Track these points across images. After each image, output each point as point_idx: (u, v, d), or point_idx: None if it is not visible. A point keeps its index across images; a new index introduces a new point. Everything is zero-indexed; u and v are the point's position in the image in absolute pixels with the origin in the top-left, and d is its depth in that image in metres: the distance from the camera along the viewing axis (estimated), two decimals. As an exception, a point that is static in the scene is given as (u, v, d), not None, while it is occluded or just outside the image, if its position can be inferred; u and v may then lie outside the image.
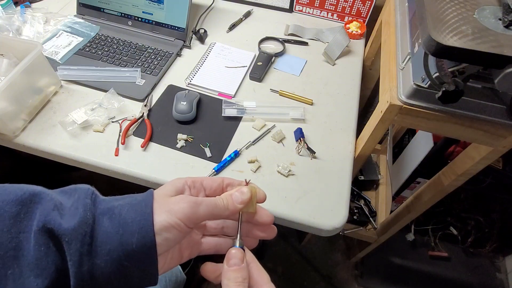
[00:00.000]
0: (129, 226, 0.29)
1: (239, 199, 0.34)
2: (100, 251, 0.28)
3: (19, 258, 0.27)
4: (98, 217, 0.30)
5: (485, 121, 0.54)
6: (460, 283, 1.39)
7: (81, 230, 0.28)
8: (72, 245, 0.28)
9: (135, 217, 0.30)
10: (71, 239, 0.28)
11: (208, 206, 0.32)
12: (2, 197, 0.29)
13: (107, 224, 0.29)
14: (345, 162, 0.72)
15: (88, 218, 0.29)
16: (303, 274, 1.38)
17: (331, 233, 0.65)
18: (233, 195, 0.34)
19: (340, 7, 1.01)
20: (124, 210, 0.30)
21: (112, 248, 0.28)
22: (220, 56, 0.92)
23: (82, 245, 0.28)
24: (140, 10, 0.93)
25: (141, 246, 0.29)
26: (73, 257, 0.28)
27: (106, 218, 0.30)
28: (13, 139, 0.70)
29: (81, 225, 0.28)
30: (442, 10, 0.49)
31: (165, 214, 0.30)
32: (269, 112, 0.79)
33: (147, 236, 0.29)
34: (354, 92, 0.86)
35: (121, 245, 0.29)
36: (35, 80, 0.73)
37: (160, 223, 0.30)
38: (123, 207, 0.31)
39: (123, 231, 0.29)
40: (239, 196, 0.34)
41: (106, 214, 0.30)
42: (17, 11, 0.93)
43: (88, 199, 0.30)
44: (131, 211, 0.30)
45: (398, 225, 1.00)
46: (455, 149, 1.06)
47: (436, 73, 0.49)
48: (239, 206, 0.34)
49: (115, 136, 0.72)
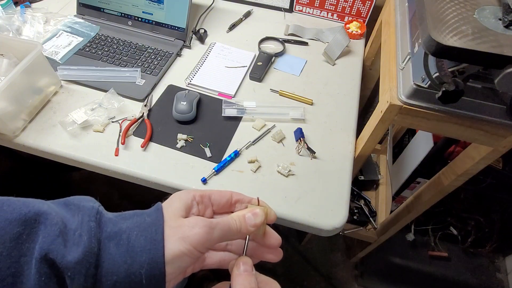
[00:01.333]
0: (138, 255, 0.27)
1: (252, 222, 0.32)
2: (105, 282, 0.27)
3: (17, 286, 0.25)
4: (104, 242, 0.28)
5: (485, 121, 0.54)
6: (460, 283, 1.39)
7: (85, 262, 0.26)
8: (75, 281, 0.26)
9: (145, 245, 0.28)
10: (74, 273, 0.26)
11: (222, 230, 0.31)
12: (5, 215, 0.26)
13: (114, 251, 0.27)
14: (345, 162, 0.72)
15: (93, 247, 0.27)
16: (303, 274, 1.38)
17: (331, 233, 0.65)
18: (246, 217, 0.32)
19: (340, 7, 1.01)
20: (132, 235, 0.28)
21: (118, 280, 0.27)
22: (220, 56, 0.92)
23: (86, 280, 0.26)
24: (140, 10, 0.93)
25: (149, 278, 0.27)
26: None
27: (112, 244, 0.28)
28: (13, 139, 0.70)
29: (85, 257, 0.26)
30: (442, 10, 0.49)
31: (179, 242, 0.28)
32: (269, 112, 0.79)
33: (156, 267, 0.27)
34: (354, 92, 0.86)
35: (128, 276, 0.27)
36: (35, 80, 0.73)
37: (172, 251, 0.28)
38: (132, 231, 0.29)
39: (131, 261, 0.27)
40: (252, 219, 0.32)
41: (113, 239, 0.28)
42: (17, 11, 0.93)
43: (93, 222, 0.28)
44: (141, 237, 0.28)
45: (398, 225, 1.00)
46: (455, 149, 1.06)
47: (436, 73, 0.49)
48: (252, 230, 0.32)
49: (115, 136, 0.72)
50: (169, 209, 0.31)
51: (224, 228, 0.31)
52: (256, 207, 0.34)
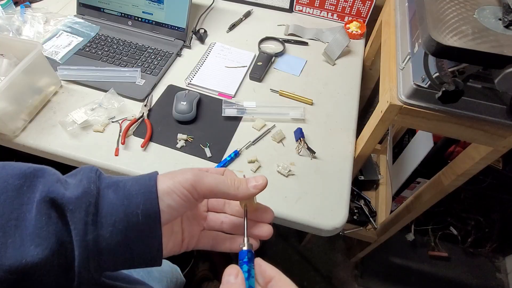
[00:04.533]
0: (134, 197, 0.29)
1: (253, 183, 0.32)
2: (105, 222, 0.28)
3: (20, 228, 0.27)
4: (103, 190, 0.30)
5: (485, 121, 0.54)
6: (460, 283, 1.39)
7: (85, 199, 0.28)
8: (76, 214, 0.28)
9: (140, 189, 0.30)
10: (75, 207, 0.28)
11: (215, 178, 0.32)
12: (7, 171, 0.29)
13: (112, 196, 0.30)
14: (345, 162, 0.72)
15: (92, 190, 0.29)
16: (303, 274, 1.38)
17: (331, 233, 0.65)
18: (249, 179, 0.33)
19: (340, 7, 1.01)
20: (128, 183, 0.31)
21: (117, 219, 0.28)
22: (220, 56, 0.92)
23: (86, 214, 0.28)
24: (140, 10, 0.93)
25: (145, 216, 0.29)
26: (78, 225, 0.28)
27: (111, 191, 0.30)
28: (13, 139, 0.70)
29: (85, 195, 0.28)
30: (442, 10, 0.49)
31: (169, 181, 0.30)
32: (269, 112, 0.79)
33: (151, 206, 0.29)
34: (354, 92, 0.86)
35: (126, 216, 0.29)
36: (35, 80, 0.73)
37: (162, 189, 0.30)
38: (128, 181, 0.31)
39: (128, 202, 0.29)
40: (253, 181, 0.33)
41: (111, 187, 0.30)
42: (17, 11, 0.93)
43: (93, 174, 0.31)
44: (136, 185, 0.30)
45: (398, 225, 1.00)
46: (455, 149, 1.06)
47: (436, 73, 0.49)
48: (252, 191, 0.32)
49: (115, 136, 0.72)
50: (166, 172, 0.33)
51: (219, 178, 0.32)
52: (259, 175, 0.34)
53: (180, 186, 0.30)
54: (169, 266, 0.76)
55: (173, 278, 0.73)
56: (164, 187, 0.30)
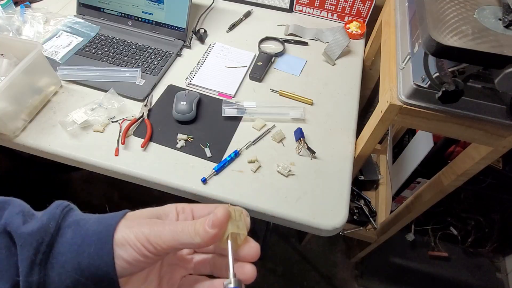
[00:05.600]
0: (89, 237, 0.27)
1: (210, 222, 0.28)
2: (55, 263, 0.26)
3: None
4: (64, 229, 0.28)
5: (485, 121, 0.54)
6: (460, 283, 1.39)
7: (38, 236, 0.26)
8: (24, 251, 0.26)
9: (97, 228, 0.27)
10: (24, 244, 0.26)
11: (172, 231, 0.27)
12: None
13: (70, 235, 0.27)
14: (345, 162, 0.72)
15: (50, 227, 0.27)
16: (303, 274, 1.38)
17: (331, 233, 0.65)
18: (207, 218, 0.28)
19: (340, 7, 1.01)
20: (90, 221, 0.28)
21: (67, 260, 0.26)
22: (220, 56, 0.92)
23: (35, 253, 0.26)
24: (140, 10, 0.93)
25: (97, 258, 0.26)
26: (23, 263, 0.26)
27: (70, 229, 0.28)
28: (13, 139, 0.70)
29: (39, 232, 0.26)
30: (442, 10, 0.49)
31: (124, 230, 0.27)
32: (269, 112, 0.79)
33: (104, 247, 0.26)
34: (354, 92, 0.86)
35: (76, 256, 0.26)
36: (35, 80, 0.73)
37: (118, 238, 0.27)
38: (91, 219, 0.29)
39: (81, 241, 0.27)
40: (210, 218, 0.28)
41: (72, 225, 0.28)
42: (17, 11, 0.93)
43: (58, 210, 0.29)
44: (96, 223, 0.28)
45: (398, 225, 1.00)
46: (455, 149, 1.06)
47: (436, 73, 0.49)
48: (211, 231, 0.27)
49: (115, 136, 0.72)
50: (139, 211, 0.30)
51: (175, 229, 0.28)
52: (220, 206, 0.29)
53: (134, 239, 0.27)
54: None
55: None
56: (119, 237, 0.27)
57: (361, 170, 1.24)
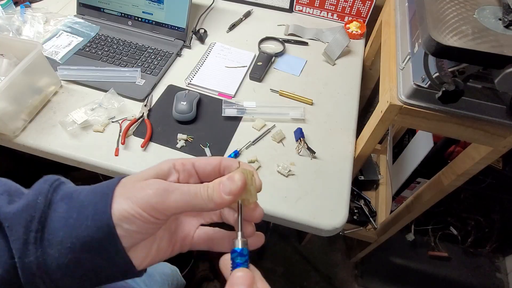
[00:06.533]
0: (84, 208, 0.25)
1: (227, 189, 0.26)
2: (52, 239, 0.25)
3: None
4: (56, 203, 0.26)
5: (485, 121, 0.54)
6: (460, 283, 1.39)
7: (25, 214, 0.25)
8: (13, 232, 0.24)
9: (93, 199, 0.26)
10: (11, 224, 0.24)
11: (183, 194, 0.26)
12: None
13: (63, 208, 0.26)
14: (345, 162, 0.72)
15: (38, 203, 0.25)
16: (303, 274, 1.38)
17: (331, 233, 0.65)
18: (222, 183, 0.27)
19: (340, 7, 1.01)
20: (83, 192, 0.26)
21: (65, 235, 0.24)
22: (220, 56, 0.92)
23: (26, 232, 0.24)
24: (140, 10, 0.93)
25: (97, 230, 0.24)
26: (15, 245, 0.24)
27: (64, 203, 0.26)
28: (13, 139, 0.70)
29: (26, 209, 0.25)
30: (442, 10, 0.49)
31: (125, 201, 0.25)
32: (269, 112, 0.79)
33: (103, 219, 0.25)
34: (354, 92, 0.86)
35: (74, 230, 0.25)
36: (35, 80, 0.73)
37: (118, 211, 0.25)
38: (84, 190, 0.27)
39: (77, 215, 0.25)
40: (227, 185, 0.26)
41: (65, 198, 0.26)
42: (17, 11, 0.93)
43: (47, 184, 0.27)
44: (91, 193, 0.26)
45: (398, 225, 1.00)
46: (455, 149, 1.06)
47: (436, 73, 0.49)
48: (226, 198, 0.26)
49: (115, 136, 0.72)
50: (135, 175, 0.28)
51: (187, 193, 0.26)
52: (236, 171, 0.28)
53: (138, 209, 0.25)
54: (169, 268, 0.75)
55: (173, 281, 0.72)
56: (120, 210, 0.25)
57: (361, 170, 1.24)
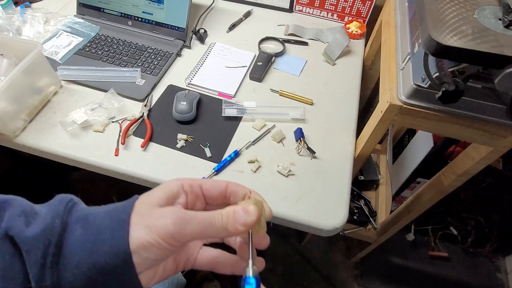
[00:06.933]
0: (101, 233, 0.26)
1: (242, 220, 0.27)
2: (68, 263, 0.25)
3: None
4: (71, 226, 0.26)
5: (485, 121, 0.54)
6: (460, 283, 1.39)
7: (44, 238, 0.25)
8: (31, 256, 0.25)
9: (110, 224, 0.26)
10: (30, 248, 0.25)
11: (200, 224, 0.27)
12: None
13: (79, 232, 0.26)
14: (345, 162, 0.72)
15: (55, 226, 0.26)
16: (303, 274, 1.38)
17: (331, 233, 0.65)
18: (236, 214, 0.28)
19: (340, 7, 1.01)
20: (99, 216, 0.27)
21: (81, 260, 0.25)
22: (220, 56, 0.92)
23: (44, 256, 0.25)
24: (140, 10, 0.93)
25: (114, 256, 0.25)
26: (33, 269, 0.25)
27: (79, 226, 0.26)
28: (13, 139, 0.70)
29: (44, 233, 0.25)
30: (442, 10, 0.49)
31: (144, 230, 0.26)
32: (269, 112, 0.79)
33: (120, 246, 0.25)
34: (354, 92, 0.86)
35: (91, 255, 0.25)
36: (35, 80, 0.73)
37: (137, 240, 0.26)
38: (100, 213, 0.27)
39: (94, 239, 0.26)
40: (242, 217, 0.27)
41: (81, 221, 0.27)
42: (17, 11, 0.93)
43: (62, 206, 0.27)
44: (107, 218, 0.27)
45: (398, 225, 1.00)
46: (455, 149, 1.06)
47: (436, 73, 0.49)
48: (241, 229, 0.27)
49: (115, 136, 0.72)
50: (147, 196, 0.29)
51: (202, 222, 0.27)
52: (250, 203, 0.29)
53: (158, 238, 0.26)
54: None
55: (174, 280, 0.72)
56: (139, 238, 0.26)
57: (361, 170, 1.24)
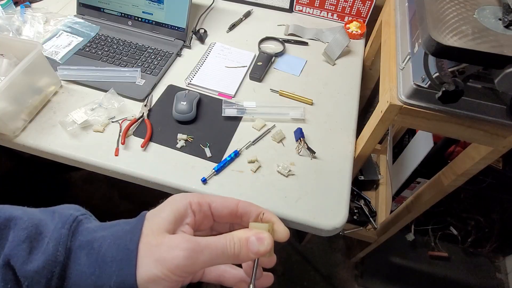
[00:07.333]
0: (108, 265, 0.25)
1: (255, 249, 0.26)
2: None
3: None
4: (76, 252, 0.25)
5: (485, 121, 0.54)
6: (460, 283, 1.39)
7: (46, 272, 0.24)
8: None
9: (116, 254, 0.25)
10: (31, 283, 0.24)
11: (212, 255, 0.26)
12: None
13: (84, 261, 0.25)
14: (345, 162, 0.72)
15: (58, 256, 0.25)
16: (303, 274, 1.38)
17: (331, 233, 0.65)
18: (250, 242, 0.27)
19: (340, 7, 1.01)
20: (105, 243, 0.26)
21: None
22: (220, 56, 0.92)
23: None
24: (140, 10, 0.93)
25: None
26: None
27: (84, 253, 0.25)
28: (13, 139, 0.70)
29: (47, 266, 0.24)
30: (442, 10, 0.49)
31: (153, 264, 0.25)
32: (269, 112, 0.79)
33: (127, 281, 0.24)
34: (354, 92, 0.86)
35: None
36: (35, 80, 0.73)
37: (146, 275, 0.24)
38: (105, 239, 0.26)
39: (99, 271, 0.25)
40: (256, 245, 0.26)
41: (85, 248, 0.25)
42: (17, 11, 0.93)
43: (65, 229, 0.26)
44: (113, 247, 0.25)
45: (398, 225, 1.00)
46: (455, 149, 1.06)
47: (436, 73, 0.49)
48: (253, 257, 0.27)
49: (115, 136, 0.72)
50: (154, 219, 0.27)
51: (215, 252, 0.26)
52: (263, 230, 0.27)
53: (168, 272, 0.25)
54: None
55: None
56: (148, 273, 0.24)
57: (361, 170, 1.24)
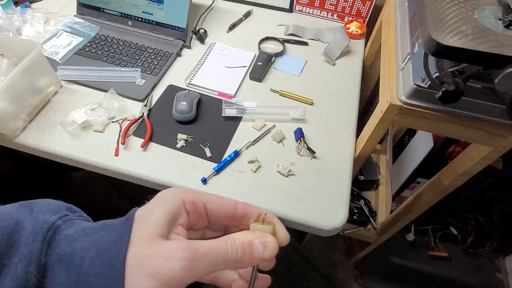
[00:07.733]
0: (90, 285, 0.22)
1: (260, 255, 0.25)
2: None
3: None
4: (53, 268, 0.22)
5: (485, 121, 0.54)
6: (460, 283, 1.39)
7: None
8: None
9: (100, 272, 0.22)
10: None
11: (212, 262, 0.24)
12: None
13: (63, 279, 0.22)
14: (345, 162, 0.72)
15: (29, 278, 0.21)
16: (303, 274, 1.38)
17: (331, 233, 0.65)
18: (254, 248, 0.25)
19: (340, 7, 1.01)
20: (87, 258, 0.22)
21: None
22: (220, 56, 0.92)
23: None
24: (140, 10, 0.93)
25: None
26: None
27: (62, 269, 0.22)
28: (13, 139, 0.70)
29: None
30: (442, 10, 0.49)
31: (145, 279, 0.22)
32: (269, 112, 0.79)
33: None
34: (354, 92, 0.86)
35: None
36: (35, 80, 0.73)
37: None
38: (88, 251, 0.22)
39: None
40: (260, 251, 0.25)
41: (64, 263, 0.22)
42: (17, 11, 0.93)
43: (38, 242, 0.22)
44: (96, 262, 0.22)
45: (398, 225, 1.00)
46: (455, 149, 1.06)
47: (436, 73, 0.49)
48: (256, 263, 0.25)
49: (115, 136, 0.72)
50: (145, 223, 0.24)
51: (215, 259, 0.24)
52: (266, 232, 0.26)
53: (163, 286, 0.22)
54: None
55: None
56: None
57: (361, 170, 1.23)
